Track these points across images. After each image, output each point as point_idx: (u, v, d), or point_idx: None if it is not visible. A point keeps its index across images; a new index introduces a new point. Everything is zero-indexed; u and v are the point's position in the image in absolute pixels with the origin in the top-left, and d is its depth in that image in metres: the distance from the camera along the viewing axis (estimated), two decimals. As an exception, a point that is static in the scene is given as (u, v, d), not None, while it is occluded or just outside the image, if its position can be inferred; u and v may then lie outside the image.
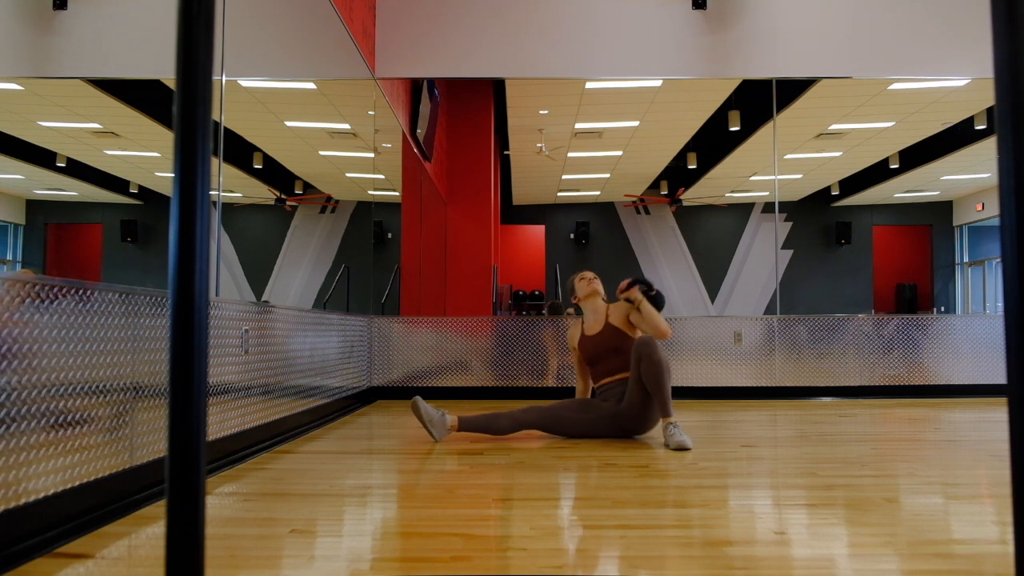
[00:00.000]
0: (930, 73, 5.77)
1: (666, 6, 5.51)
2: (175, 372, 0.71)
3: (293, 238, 6.20)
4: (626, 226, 13.16)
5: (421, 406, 3.34)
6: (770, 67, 5.59)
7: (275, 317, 3.55)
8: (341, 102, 5.36)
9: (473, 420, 3.40)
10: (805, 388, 5.41)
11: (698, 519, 2.01)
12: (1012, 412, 0.73)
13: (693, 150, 10.06)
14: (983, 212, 11.82)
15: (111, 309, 2.12)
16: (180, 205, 0.71)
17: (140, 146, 4.90)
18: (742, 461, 2.93)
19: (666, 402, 3.29)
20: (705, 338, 5.46)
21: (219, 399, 2.82)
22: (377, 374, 5.33)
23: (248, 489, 2.44)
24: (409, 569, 1.58)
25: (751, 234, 12.91)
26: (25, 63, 3.41)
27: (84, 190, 4.80)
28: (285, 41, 4.36)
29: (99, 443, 2.05)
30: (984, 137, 8.73)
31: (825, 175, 11.53)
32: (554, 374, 5.37)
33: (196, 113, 0.71)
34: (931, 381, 5.47)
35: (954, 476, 2.66)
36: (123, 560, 1.71)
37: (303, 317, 4.03)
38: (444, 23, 5.53)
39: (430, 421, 3.32)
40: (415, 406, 3.35)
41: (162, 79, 3.65)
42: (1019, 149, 0.72)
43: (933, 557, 1.65)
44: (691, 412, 4.46)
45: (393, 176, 6.57)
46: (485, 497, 2.29)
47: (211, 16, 0.72)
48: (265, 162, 5.35)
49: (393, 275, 7.47)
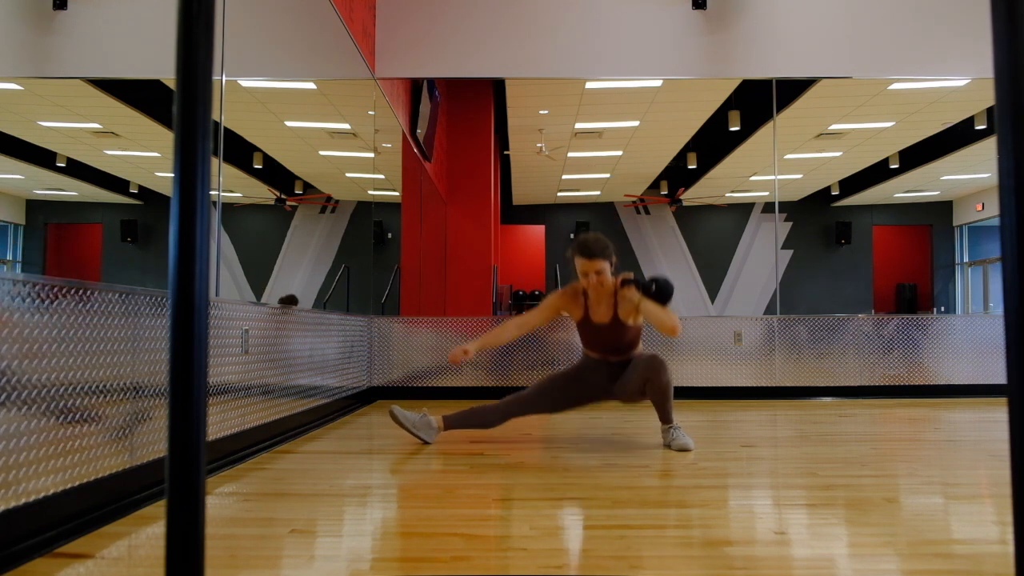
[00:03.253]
0: (930, 73, 5.77)
1: (666, 6, 5.51)
2: (175, 372, 0.71)
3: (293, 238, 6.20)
4: (626, 226, 13.16)
5: (399, 414, 3.23)
6: (770, 67, 5.59)
7: (276, 317, 3.55)
8: (341, 102, 5.36)
9: (458, 417, 3.32)
10: (805, 388, 5.41)
11: (698, 519, 2.01)
12: (1012, 412, 0.73)
13: (693, 150, 10.05)
14: (983, 212, 11.82)
15: (111, 309, 2.12)
16: (180, 205, 0.71)
17: (140, 146, 4.91)
18: (742, 461, 2.93)
19: (668, 413, 3.26)
20: (705, 338, 5.46)
21: (219, 399, 2.82)
22: (377, 374, 5.33)
23: (248, 489, 2.44)
24: (409, 569, 1.58)
25: (751, 234, 12.91)
26: (25, 63, 3.41)
27: (84, 190, 4.80)
28: (285, 41, 4.36)
29: (99, 443, 2.05)
30: (984, 137, 8.73)
31: (825, 175, 11.53)
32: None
33: (196, 113, 0.71)
34: (931, 381, 5.47)
35: (954, 476, 2.67)
36: (123, 560, 1.71)
37: (303, 317, 4.03)
38: (444, 23, 5.53)
39: (414, 426, 3.24)
40: (393, 416, 3.23)
41: (162, 79, 3.65)
42: (1019, 149, 0.72)
43: (933, 557, 1.65)
44: (691, 412, 4.46)
45: (393, 176, 6.57)
46: (485, 497, 2.29)
47: (211, 16, 0.72)
48: (265, 162, 5.35)
49: (393, 275, 7.47)
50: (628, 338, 3.33)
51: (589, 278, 3.23)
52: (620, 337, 3.32)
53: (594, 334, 3.37)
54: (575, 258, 3.27)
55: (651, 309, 3.17)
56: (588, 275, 3.23)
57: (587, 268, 3.23)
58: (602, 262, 3.22)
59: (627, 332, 3.31)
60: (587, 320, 3.36)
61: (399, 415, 3.24)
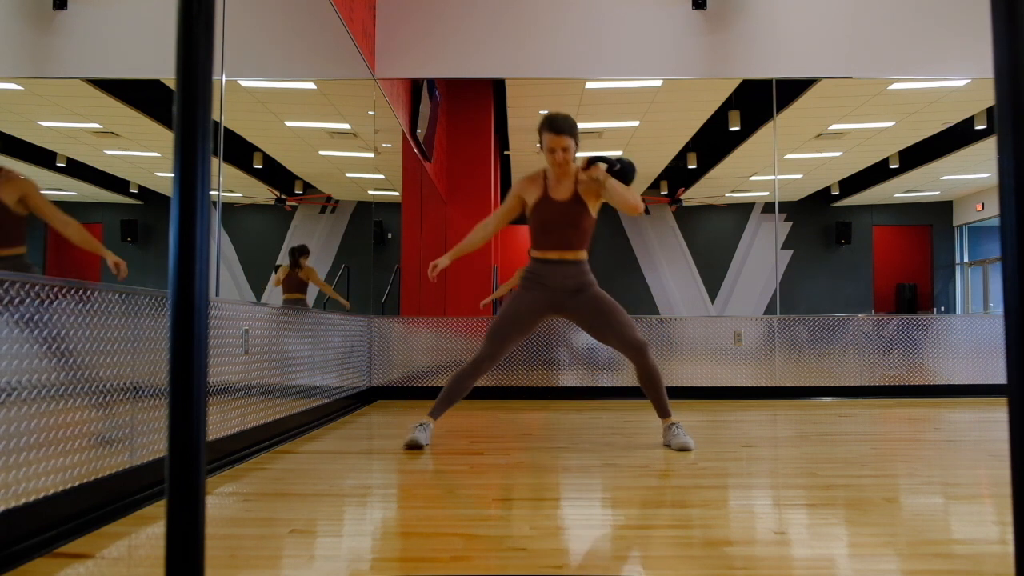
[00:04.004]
0: (930, 73, 5.77)
1: (666, 6, 5.51)
2: (175, 372, 0.71)
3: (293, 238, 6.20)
4: (626, 226, 13.15)
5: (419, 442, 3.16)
6: (770, 67, 5.59)
7: (276, 317, 3.55)
8: (341, 102, 5.37)
9: (438, 405, 3.27)
10: (805, 388, 5.41)
11: (698, 519, 2.00)
12: (1012, 412, 0.73)
13: (693, 150, 10.05)
14: (983, 212, 11.82)
15: (111, 309, 2.12)
16: (180, 205, 0.71)
17: (140, 146, 4.91)
18: (742, 461, 2.93)
19: (664, 404, 3.28)
20: (705, 338, 5.46)
21: (219, 399, 2.82)
22: (377, 374, 5.33)
23: (248, 489, 2.44)
24: (409, 569, 1.58)
25: (751, 234, 12.90)
26: (25, 63, 3.41)
27: (84, 190, 4.80)
28: (285, 41, 4.36)
29: (99, 443, 2.05)
30: (984, 137, 8.72)
31: (825, 175, 11.53)
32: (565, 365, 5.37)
33: (196, 113, 0.71)
34: (931, 381, 5.47)
35: (954, 476, 2.67)
36: (123, 560, 1.71)
37: (303, 317, 4.03)
38: (444, 23, 5.53)
39: (423, 439, 3.18)
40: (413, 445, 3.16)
41: (162, 79, 3.65)
42: (1019, 149, 0.72)
43: (933, 557, 1.65)
44: (691, 412, 4.46)
45: (393, 176, 6.58)
46: (485, 497, 2.28)
47: (211, 16, 0.72)
48: (265, 162, 5.35)
49: (393, 275, 7.48)
50: (584, 225, 3.24)
51: (556, 154, 3.16)
52: (578, 221, 3.22)
53: (551, 215, 3.24)
54: (543, 133, 3.18)
55: (616, 187, 3.11)
56: (555, 151, 3.16)
57: (555, 144, 3.15)
58: (569, 139, 3.16)
59: (584, 217, 3.23)
60: (546, 198, 3.24)
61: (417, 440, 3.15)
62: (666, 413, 3.27)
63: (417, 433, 3.18)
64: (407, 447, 3.15)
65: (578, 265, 3.28)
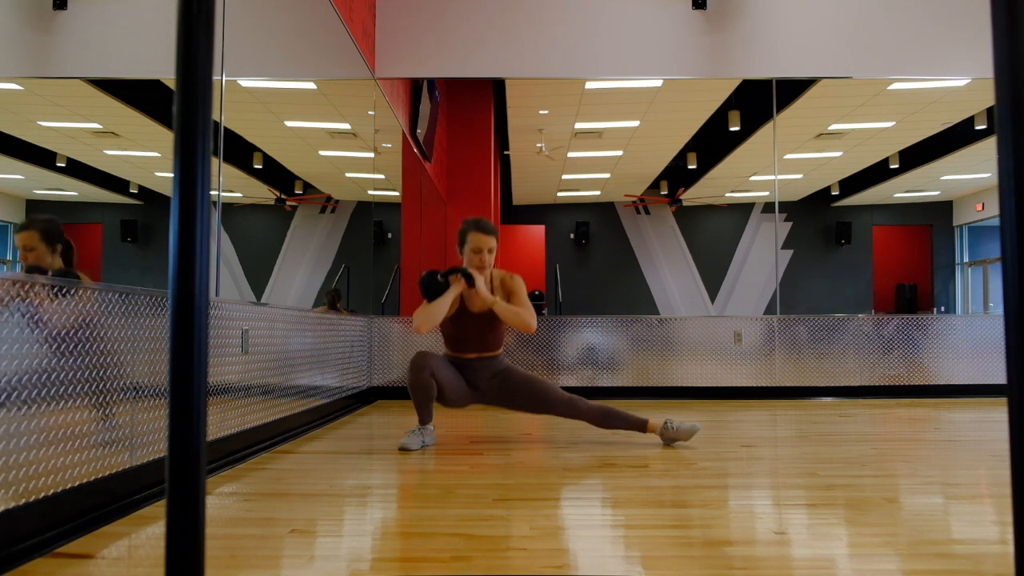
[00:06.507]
0: (930, 73, 5.77)
1: (666, 6, 5.51)
2: (175, 372, 0.71)
3: (293, 238, 6.20)
4: (626, 226, 13.15)
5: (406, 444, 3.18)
6: (770, 67, 5.59)
7: (275, 317, 3.55)
8: (341, 102, 5.36)
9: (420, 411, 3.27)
10: (805, 388, 5.41)
11: (698, 519, 2.00)
12: (1012, 412, 0.73)
13: (693, 150, 10.05)
14: (983, 212, 11.81)
15: (111, 309, 2.12)
16: (180, 205, 0.71)
17: (140, 146, 4.90)
18: (742, 461, 2.93)
19: (636, 421, 3.24)
20: (705, 338, 5.46)
21: (219, 399, 2.82)
22: (377, 374, 5.33)
23: (248, 489, 2.44)
24: (409, 569, 1.58)
25: (751, 234, 12.90)
26: (25, 63, 3.41)
27: (84, 190, 4.80)
28: (285, 41, 4.35)
29: (99, 443, 2.05)
30: (984, 137, 8.72)
31: (825, 175, 11.52)
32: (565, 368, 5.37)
33: (196, 113, 0.71)
34: (931, 381, 5.47)
35: (954, 476, 2.67)
36: (123, 560, 1.71)
37: (303, 317, 4.03)
38: (444, 23, 5.53)
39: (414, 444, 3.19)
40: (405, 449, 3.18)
41: (162, 79, 3.65)
42: (1019, 149, 0.72)
43: (933, 557, 1.65)
44: (691, 412, 4.46)
45: (393, 176, 6.57)
46: (485, 497, 2.28)
47: (211, 16, 0.72)
48: (265, 162, 5.35)
49: (393, 275, 7.47)
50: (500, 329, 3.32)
51: (482, 255, 3.24)
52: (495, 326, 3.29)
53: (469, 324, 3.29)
54: (470, 233, 3.27)
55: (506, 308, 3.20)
56: (481, 252, 3.24)
57: (483, 244, 3.24)
58: (495, 240, 3.27)
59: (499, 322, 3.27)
60: (464, 311, 3.29)
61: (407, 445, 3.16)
62: (644, 426, 3.23)
63: (409, 440, 3.16)
64: (400, 450, 3.17)
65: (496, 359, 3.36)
